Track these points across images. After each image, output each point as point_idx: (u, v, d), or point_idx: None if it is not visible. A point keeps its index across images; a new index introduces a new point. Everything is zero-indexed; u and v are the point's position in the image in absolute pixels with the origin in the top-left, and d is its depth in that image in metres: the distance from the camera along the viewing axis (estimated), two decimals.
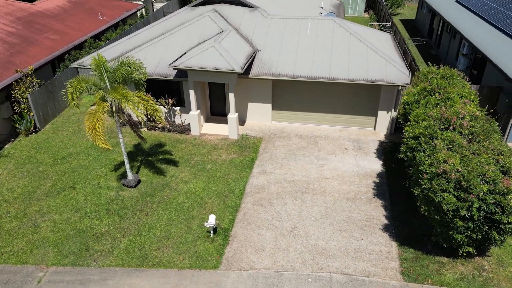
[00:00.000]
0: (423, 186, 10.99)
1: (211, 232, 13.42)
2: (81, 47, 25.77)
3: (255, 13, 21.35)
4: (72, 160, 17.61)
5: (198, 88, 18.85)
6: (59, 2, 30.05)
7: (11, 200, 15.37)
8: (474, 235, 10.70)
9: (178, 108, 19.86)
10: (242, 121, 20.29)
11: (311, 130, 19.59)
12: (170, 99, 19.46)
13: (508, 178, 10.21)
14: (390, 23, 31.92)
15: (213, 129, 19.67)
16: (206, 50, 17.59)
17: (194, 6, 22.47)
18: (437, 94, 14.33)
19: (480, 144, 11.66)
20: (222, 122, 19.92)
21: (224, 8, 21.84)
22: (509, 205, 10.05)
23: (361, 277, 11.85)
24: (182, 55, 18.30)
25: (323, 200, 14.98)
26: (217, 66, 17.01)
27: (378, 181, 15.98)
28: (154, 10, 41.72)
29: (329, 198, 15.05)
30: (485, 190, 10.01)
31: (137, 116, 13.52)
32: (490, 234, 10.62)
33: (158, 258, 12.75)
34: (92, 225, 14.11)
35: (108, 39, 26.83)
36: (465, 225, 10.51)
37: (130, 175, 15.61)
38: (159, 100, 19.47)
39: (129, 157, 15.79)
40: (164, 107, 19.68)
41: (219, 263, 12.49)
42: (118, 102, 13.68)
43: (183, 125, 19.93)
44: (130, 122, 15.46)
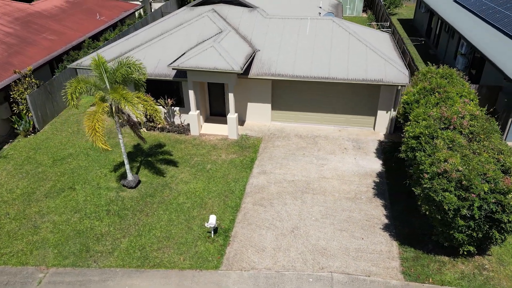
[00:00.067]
0: (424, 186, 11.01)
1: (212, 232, 13.40)
2: (79, 48, 25.71)
3: (254, 13, 21.34)
4: (71, 161, 17.55)
5: (197, 88, 18.83)
6: (57, 3, 29.96)
7: (11, 201, 15.31)
8: (475, 234, 10.73)
9: (177, 108, 19.84)
10: (241, 121, 20.27)
11: (311, 130, 19.60)
12: (169, 100, 19.44)
13: (508, 177, 10.24)
14: (389, 23, 31.96)
15: (212, 129, 19.66)
16: (206, 50, 17.57)
17: (193, 6, 22.44)
18: (436, 93, 14.35)
19: (480, 143, 11.69)
20: (222, 122, 19.90)
21: (223, 8, 21.82)
22: (509, 204, 10.07)
23: (362, 276, 11.87)
24: (182, 55, 18.27)
25: (323, 200, 14.98)
26: (216, 66, 17.00)
27: (378, 180, 16.00)
28: (152, 10, 41.64)
29: (329, 198, 15.06)
30: (485, 190, 10.03)
31: (136, 116, 13.50)
32: (490, 233, 10.65)
33: (158, 259, 12.73)
34: (92, 226, 14.07)
35: (106, 40, 26.77)
36: (466, 224, 10.54)
37: (130, 176, 15.58)
38: (159, 100, 19.45)
39: (128, 157, 15.75)
40: (163, 108, 19.66)
41: (220, 264, 12.48)
42: (118, 102, 13.66)
43: (183, 125, 19.90)
44: (129, 123, 15.43)
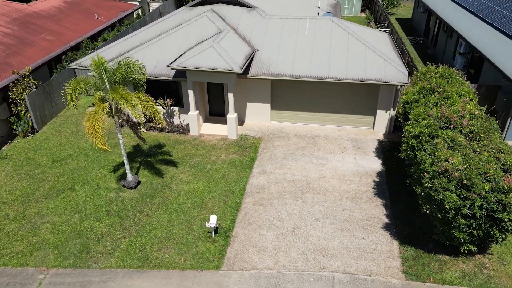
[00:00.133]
0: (425, 185, 11.02)
1: (213, 232, 13.39)
2: (77, 48, 25.64)
3: (253, 13, 21.33)
4: (70, 161, 17.50)
5: (196, 88, 18.81)
6: (55, 3, 29.87)
7: (10, 202, 15.25)
8: (475, 233, 10.75)
9: (176, 108, 19.81)
10: (241, 121, 20.26)
11: (310, 129, 19.60)
12: (168, 100, 19.41)
13: (509, 176, 10.26)
14: (387, 23, 32.01)
15: (212, 129, 19.63)
16: (205, 50, 17.55)
17: (191, 6, 22.40)
18: (436, 93, 14.38)
19: (480, 142, 11.71)
20: (221, 122, 19.88)
21: (222, 8, 21.80)
22: (510, 203, 10.09)
23: (363, 276, 11.87)
24: (181, 56, 18.24)
25: (324, 199, 14.99)
26: (216, 66, 16.98)
27: (378, 180, 16.02)
28: (150, 10, 41.58)
29: (329, 198, 15.06)
30: (486, 189, 10.05)
31: (135, 117, 13.46)
32: (491, 232, 10.67)
33: (159, 259, 12.70)
34: (92, 226, 14.03)
35: (105, 40, 26.71)
36: (467, 223, 10.55)
37: (129, 176, 15.54)
38: (158, 100, 19.41)
39: (128, 158, 15.71)
40: (162, 108, 19.62)
41: (221, 264, 12.46)
42: (117, 103, 13.62)
43: (182, 125, 19.87)
44: (129, 123, 15.40)
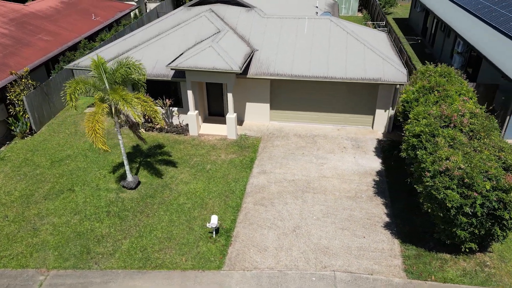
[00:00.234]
0: (426, 184, 11.05)
1: (213, 232, 13.36)
2: (75, 48, 25.53)
3: (252, 12, 21.31)
4: (69, 162, 17.42)
5: (195, 88, 18.76)
6: (52, 3, 29.74)
7: (9, 203, 15.16)
8: (477, 231, 10.78)
9: (176, 108, 19.76)
10: (240, 121, 20.24)
11: (310, 129, 19.61)
12: (167, 100, 19.36)
13: (510, 175, 10.29)
14: (385, 22, 32.08)
15: (211, 129, 19.60)
16: (204, 50, 17.52)
17: (190, 6, 22.35)
18: (436, 92, 14.42)
19: (480, 141, 11.75)
20: (220, 122, 19.85)
21: (220, 8, 21.77)
22: (511, 201, 10.13)
23: (365, 275, 11.89)
24: (180, 56, 18.20)
25: (324, 199, 15.00)
26: (215, 66, 16.96)
27: (378, 179, 16.04)
28: (148, 10, 41.50)
29: (330, 197, 15.08)
30: (488, 188, 10.08)
31: (134, 118, 13.41)
32: (492, 230, 10.71)
33: (160, 260, 12.67)
34: (92, 227, 13.98)
35: (102, 40, 26.61)
36: (468, 221, 10.58)
37: (129, 177, 15.49)
38: (157, 101, 19.35)
39: (127, 158, 15.65)
40: (161, 108, 19.56)
41: (222, 264, 12.44)
42: (117, 103, 13.56)
43: (181, 125, 19.83)
44: (129, 123, 15.35)
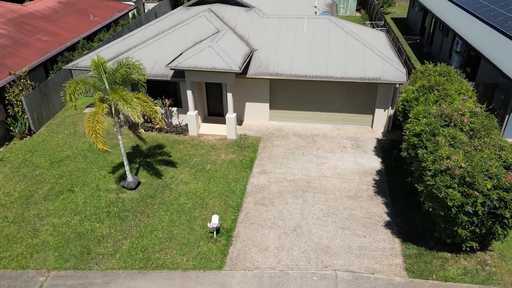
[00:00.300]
0: (427, 183, 11.06)
1: (214, 232, 13.35)
2: (73, 49, 25.47)
3: (251, 12, 21.30)
4: (69, 163, 17.37)
5: (195, 88, 18.73)
6: (50, 3, 29.65)
7: (8, 204, 15.10)
8: (478, 230, 10.80)
9: (175, 108, 19.73)
10: (239, 121, 20.23)
11: (309, 128, 19.62)
12: (167, 100, 19.33)
13: (511, 173, 10.31)
14: (383, 22, 32.12)
15: (210, 129, 19.58)
16: (204, 50, 17.50)
17: (189, 6, 22.33)
18: (436, 91, 14.44)
19: (481, 140, 11.78)
20: (220, 122, 19.83)
21: (219, 8, 21.75)
22: None
23: (366, 274, 11.90)
24: (179, 56, 18.17)
25: (325, 198, 15.00)
26: (215, 66, 16.94)
27: (378, 178, 16.06)
28: (146, 10, 41.42)
29: (330, 196, 15.08)
30: (489, 187, 10.10)
31: (134, 118, 13.38)
32: (493, 228, 10.74)
33: (161, 260, 12.64)
34: (92, 228, 13.94)
35: (101, 40, 26.55)
36: (469, 220, 10.60)
37: (129, 177, 15.45)
38: (156, 101, 19.31)
39: (127, 158, 15.60)
40: (161, 108, 19.52)
41: (224, 264, 12.43)
42: (117, 104, 13.53)
43: (181, 125, 19.80)
44: (128, 123, 15.31)
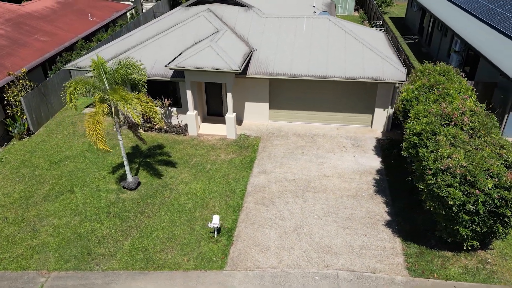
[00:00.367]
0: (428, 182, 11.08)
1: (215, 232, 13.33)
2: (72, 49, 25.40)
3: (250, 12, 21.30)
4: (68, 163, 17.32)
5: (194, 88, 18.71)
6: (48, 3, 29.57)
7: (8, 205, 15.04)
8: (479, 229, 10.82)
9: (174, 108, 19.70)
10: (239, 120, 20.22)
11: (309, 128, 19.62)
12: (166, 100, 19.29)
13: None
14: (382, 21, 32.16)
15: (210, 129, 19.56)
16: (203, 50, 17.48)
17: (188, 6, 22.30)
18: (436, 90, 14.47)
19: (481, 139, 11.80)
20: (219, 122, 19.81)
21: (218, 7, 21.73)
22: None
23: (367, 273, 11.91)
24: (179, 55, 18.15)
25: (325, 198, 15.01)
26: (215, 66, 16.92)
27: (378, 178, 16.08)
28: (144, 10, 41.35)
29: (330, 196, 15.09)
30: (490, 186, 10.12)
31: (134, 118, 13.35)
32: (494, 227, 10.76)
33: (162, 260, 12.62)
34: (93, 228, 13.90)
35: (99, 40, 26.49)
36: (470, 218, 10.62)
37: (130, 177, 15.41)
38: (156, 101, 19.27)
39: (127, 159, 15.56)
40: (160, 108, 19.49)
41: (225, 264, 12.42)
42: (117, 104, 13.49)
43: (180, 126, 19.77)
44: (128, 123, 15.28)
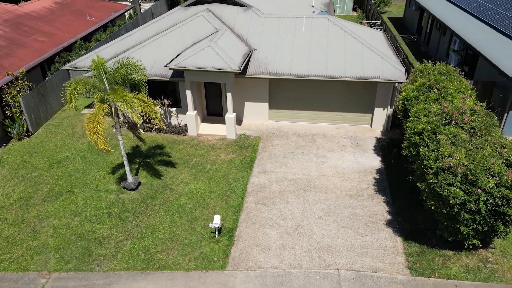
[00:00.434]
0: (429, 181, 11.09)
1: (216, 232, 13.32)
2: (70, 49, 25.34)
3: (249, 12, 21.28)
4: (68, 164, 17.26)
5: (194, 88, 18.68)
6: (46, 4, 29.48)
7: (8, 206, 14.98)
8: (480, 228, 10.84)
9: (174, 109, 19.67)
10: (239, 120, 20.20)
11: (308, 128, 19.62)
12: (166, 100, 19.26)
13: None
14: (380, 21, 32.20)
15: (210, 129, 19.53)
16: (203, 50, 17.46)
17: (187, 6, 22.27)
18: (436, 90, 14.49)
19: (482, 138, 11.82)
20: (219, 122, 19.79)
21: (217, 7, 21.70)
22: None
23: (369, 272, 11.91)
24: (178, 55, 18.13)
25: (325, 197, 15.01)
26: (214, 66, 16.90)
27: (378, 177, 16.09)
28: (142, 11, 41.29)
29: (331, 196, 15.09)
30: (491, 185, 10.14)
31: (134, 119, 13.31)
32: (495, 226, 10.78)
33: (163, 261, 12.59)
34: (93, 229, 13.85)
35: (98, 41, 26.43)
36: (471, 217, 10.64)
37: (130, 178, 15.38)
38: (155, 101, 19.23)
39: (127, 159, 15.53)
40: (160, 108, 19.45)
41: (226, 264, 12.40)
42: (117, 104, 13.46)
43: (180, 126, 19.74)
44: (128, 124, 15.24)
